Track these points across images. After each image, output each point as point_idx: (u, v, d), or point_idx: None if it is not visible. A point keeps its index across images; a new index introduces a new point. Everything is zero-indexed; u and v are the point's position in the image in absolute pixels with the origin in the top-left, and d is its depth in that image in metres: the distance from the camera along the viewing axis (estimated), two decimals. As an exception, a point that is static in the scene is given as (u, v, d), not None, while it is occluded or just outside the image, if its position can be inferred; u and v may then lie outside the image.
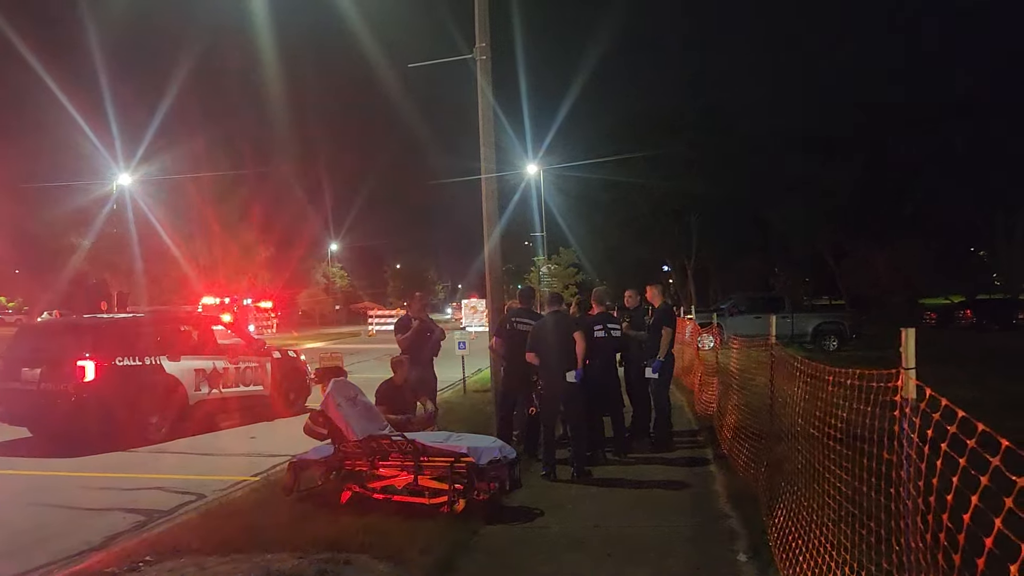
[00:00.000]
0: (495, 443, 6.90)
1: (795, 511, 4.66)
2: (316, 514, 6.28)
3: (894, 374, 3.01)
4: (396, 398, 8.27)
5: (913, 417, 2.81)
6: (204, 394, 11.31)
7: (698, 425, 10.78)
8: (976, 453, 2.30)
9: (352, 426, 6.88)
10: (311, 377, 12.58)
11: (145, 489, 7.79)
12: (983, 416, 2.32)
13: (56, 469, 8.85)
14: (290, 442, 9.13)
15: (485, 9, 10.93)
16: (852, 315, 28.29)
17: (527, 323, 8.55)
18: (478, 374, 16.72)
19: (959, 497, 2.39)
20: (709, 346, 14.30)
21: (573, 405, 7.84)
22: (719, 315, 20.09)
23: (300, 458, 7.07)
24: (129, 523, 6.55)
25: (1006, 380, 15.95)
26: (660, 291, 10.10)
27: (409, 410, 8.30)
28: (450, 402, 13.42)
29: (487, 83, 10.97)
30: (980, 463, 2.28)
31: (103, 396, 9.87)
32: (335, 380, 7.34)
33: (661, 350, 9.23)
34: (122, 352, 10.35)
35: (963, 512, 2.30)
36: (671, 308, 10.67)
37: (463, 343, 15.07)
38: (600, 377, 8.52)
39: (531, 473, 7.69)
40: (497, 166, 11.43)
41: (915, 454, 2.77)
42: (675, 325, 10.09)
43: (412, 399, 8.60)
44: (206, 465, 9.09)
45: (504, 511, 6.41)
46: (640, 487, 7.36)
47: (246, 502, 6.93)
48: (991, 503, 2.20)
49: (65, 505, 7.24)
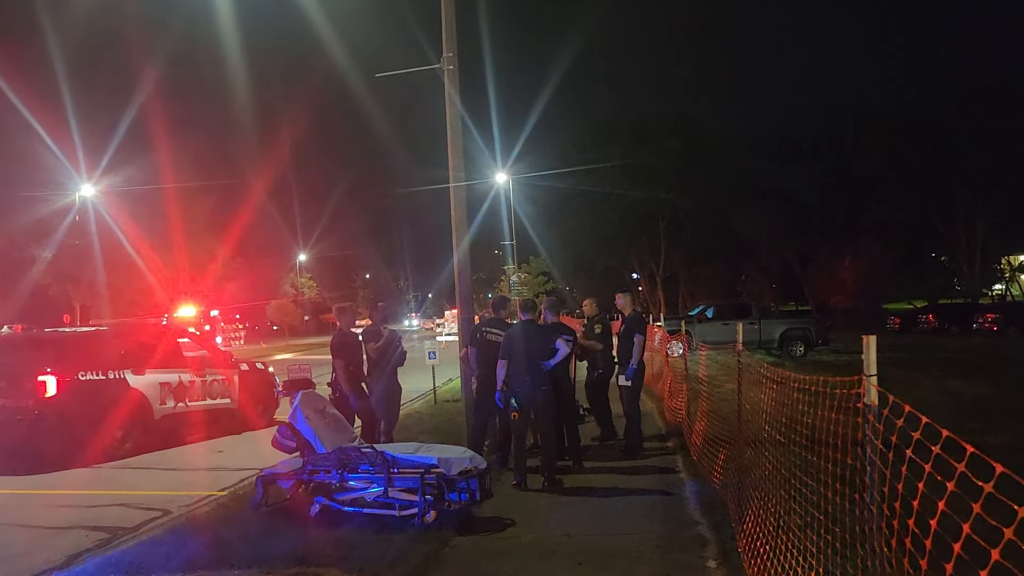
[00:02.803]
0: (465, 453, 6.88)
1: (763, 517, 4.71)
2: (285, 528, 6.21)
3: (857, 381, 3.06)
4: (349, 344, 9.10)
5: (876, 423, 2.86)
6: (170, 408, 11.14)
7: (668, 432, 10.85)
8: (941, 459, 2.33)
9: (321, 438, 6.82)
10: (279, 390, 12.45)
11: (109, 506, 7.63)
12: (944, 418, 2.36)
13: (17, 487, 8.65)
14: (258, 455, 9.02)
15: (452, 19, 10.94)
16: (818, 321, 28.66)
17: (498, 333, 8.54)
18: (449, 384, 16.67)
19: (925, 502, 2.42)
20: (678, 353, 14.42)
21: (544, 414, 7.85)
22: (687, 322, 20.25)
23: (268, 472, 6.99)
24: (92, 541, 6.41)
25: (964, 382, 16.30)
26: (630, 299, 10.19)
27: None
28: (420, 412, 13.38)
29: (455, 92, 10.98)
30: (945, 468, 2.32)
31: (65, 411, 9.67)
32: (303, 392, 7.28)
33: (634, 357, 9.28)
34: (85, 366, 10.15)
35: (930, 517, 2.33)
36: (641, 315, 10.76)
37: (433, 352, 15.02)
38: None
39: (502, 483, 7.68)
40: (466, 175, 11.43)
41: (879, 460, 2.82)
42: (646, 332, 10.17)
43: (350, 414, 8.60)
44: (172, 480, 8.95)
45: (475, 521, 6.39)
46: (610, 495, 7.38)
47: (213, 517, 6.83)
48: (957, 507, 2.24)
49: (26, 524, 7.08)
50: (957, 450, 2.25)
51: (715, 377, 9.39)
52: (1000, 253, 51.65)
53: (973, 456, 2.19)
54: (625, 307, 10.13)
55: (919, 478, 2.45)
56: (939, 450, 2.29)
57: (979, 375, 17.89)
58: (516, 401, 7.74)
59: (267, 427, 11.40)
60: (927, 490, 2.41)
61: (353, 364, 9.20)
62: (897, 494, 2.63)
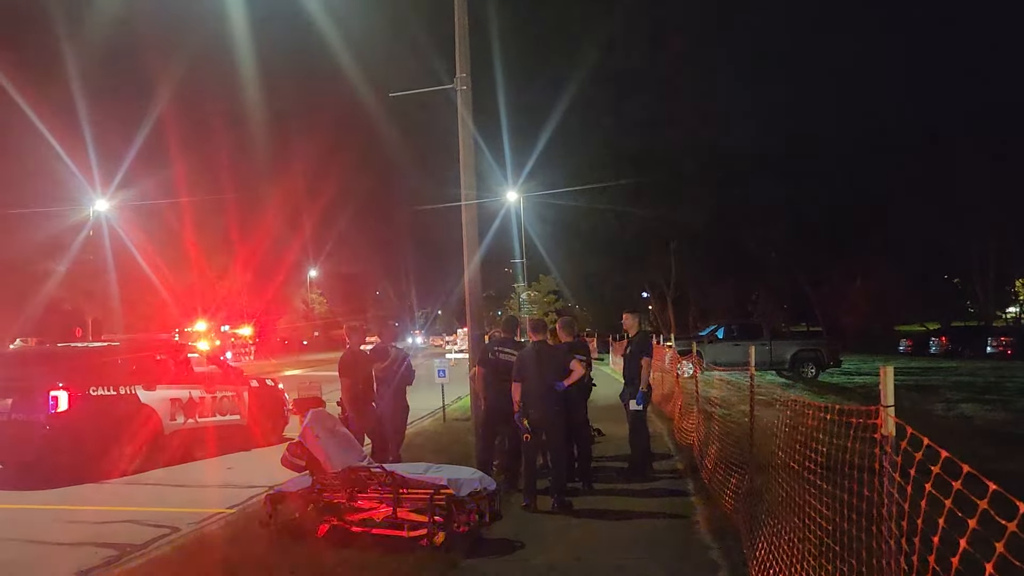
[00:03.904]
0: (475, 474, 6.85)
1: (776, 545, 4.65)
2: (293, 548, 6.19)
3: (874, 411, 3.02)
4: (358, 364, 9.07)
5: (894, 456, 2.82)
6: (180, 424, 11.15)
7: (678, 454, 10.76)
8: (962, 493, 2.28)
9: (330, 457, 6.80)
10: (289, 408, 12.45)
11: (118, 522, 7.63)
12: (958, 443, 2.33)
13: (27, 502, 8.65)
14: (267, 473, 9.00)
15: (465, 39, 11.03)
16: (830, 342, 28.49)
17: (510, 353, 8.53)
18: (458, 402, 16.63)
19: (945, 536, 2.38)
20: (688, 374, 14.34)
21: (556, 435, 7.81)
22: (698, 342, 20.14)
23: (277, 490, 6.97)
24: (101, 558, 6.39)
25: (978, 406, 16.16)
26: (637, 320, 9.92)
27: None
28: (429, 430, 13.33)
29: (468, 112, 11.05)
30: (965, 502, 2.28)
31: (76, 426, 9.69)
32: (313, 411, 7.26)
33: (642, 380, 9.10)
34: (96, 381, 10.18)
35: (951, 555, 2.29)
36: (649, 335, 10.50)
37: (443, 371, 15.00)
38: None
39: (511, 504, 7.63)
40: (478, 193, 11.48)
41: (896, 492, 2.77)
42: (653, 354, 9.99)
43: (360, 433, 8.58)
44: (181, 497, 8.94)
45: (484, 543, 6.34)
46: (621, 518, 7.31)
47: (221, 536, 6.81)
48: (978, 545, 2.19)
49: (35, 539, 7.08)
50: (975, 479, 2.22)
51: (726, 399, 9.32)
52: (1014, 276, 51.36)
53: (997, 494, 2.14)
54: (632, 327, 9.82)
55: (938, 512, 2.41)
56: (959, 485, 2.25)
57: (993, 399, 17.74)
58: (528, 422, 7.71)
59: (277, 444, 11.39)
60: (947, 526, 2.36)
61: (361, 383, 9.19)
62: (917, 529, 2.58)
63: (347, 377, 9.09)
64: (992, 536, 2.09)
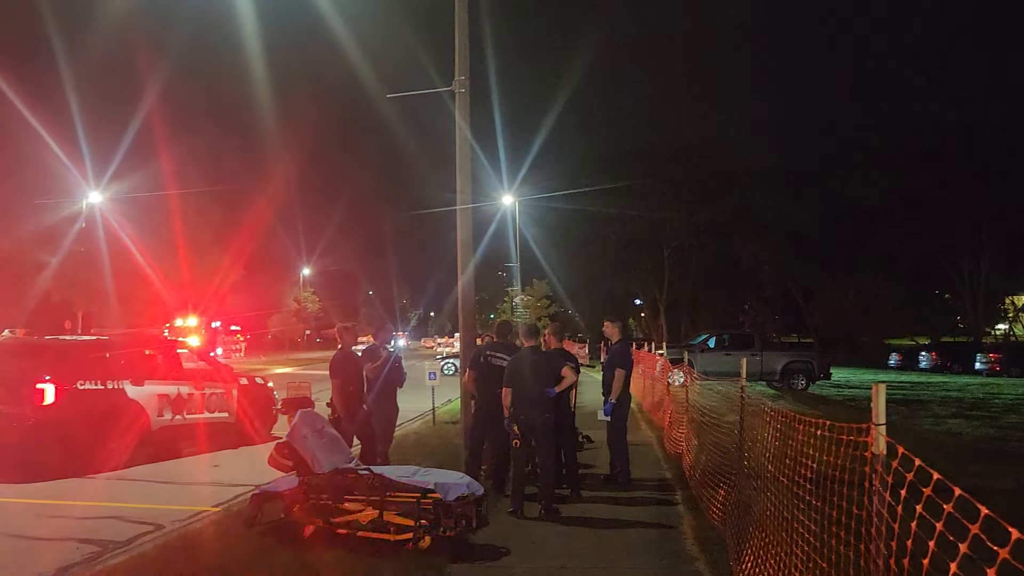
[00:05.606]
0: (463, 479, 6.82)
1: (763, 559, 4.63)
2: (278, 549, 6.14)
3: (864, 429, 3.00)
4: (349, 364, 9.04)
5: (884, 475, 2.80)
6: (167, 420, 11.08)
7: (667, 464, 10.75)
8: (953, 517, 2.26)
9: (318, 458, 6.76)
10: (278, 407, 12.39)
11: (102, 518, 7.56)
12: (947, 459, 2.32)
13: (10, 496, 8.57)
14: (254, 471, 8.94)
15: (465, 42, 10.99)
16: (821, 354, 28.55)
17: (503, 357, 8.50)
18: (448, 404, 16.59)
19: (935, 559, 2.36)
20: (679, 383, 14.32)
21: (545, 441, 7.79)
22: (689, 351, 20.14)
23: (263, 489, 6.93)
24: (82, 554, 6.33)
25: (966, 422, 16.22)
26: (620, 327, 9.77)
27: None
28: (419, 433, 13.29)
29: (465, 115, 11.00)
30: (956, 525, 2.26)
31: (62, 420, 9.60)
32: (302, 411, 7.23)
33: (612, 392, 9.00)
34: (84, 375, 10.10)
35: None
36: (628, 346, 10.30)
37: (433, 373, 14.98)
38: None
39: (498, 509, 7.60)
40: (473, 197, 11.44)
41: (886, 512, 2.76)
42: (630, 365, 9.79)
43: (349, 434, 8.54)
44: (166, 494, 8.87)
45: (470, 549, 6.31)
46: (608, 527, 7.29)
47: (206, 534, 6.76)
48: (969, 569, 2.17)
49: (17, 534, 7.00)
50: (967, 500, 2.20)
51: (716, 408, 9.31)
52: (1004, 293, 51.61)
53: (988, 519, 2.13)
54: (613, 335, 9.71)
55: (929, 533, 2.39)
56: (951, 508, 2.23)
57: (981, 415, 17.81)
58: (518, 427, 7.68)
59: (265, 443, 11.32)
60: (938, 549, 2.34)
61: (352, 384, 9.15)
62: (906, 551, 2.56)
63: (338, 378, 9.06)
64: (983, 560, 2.07)
